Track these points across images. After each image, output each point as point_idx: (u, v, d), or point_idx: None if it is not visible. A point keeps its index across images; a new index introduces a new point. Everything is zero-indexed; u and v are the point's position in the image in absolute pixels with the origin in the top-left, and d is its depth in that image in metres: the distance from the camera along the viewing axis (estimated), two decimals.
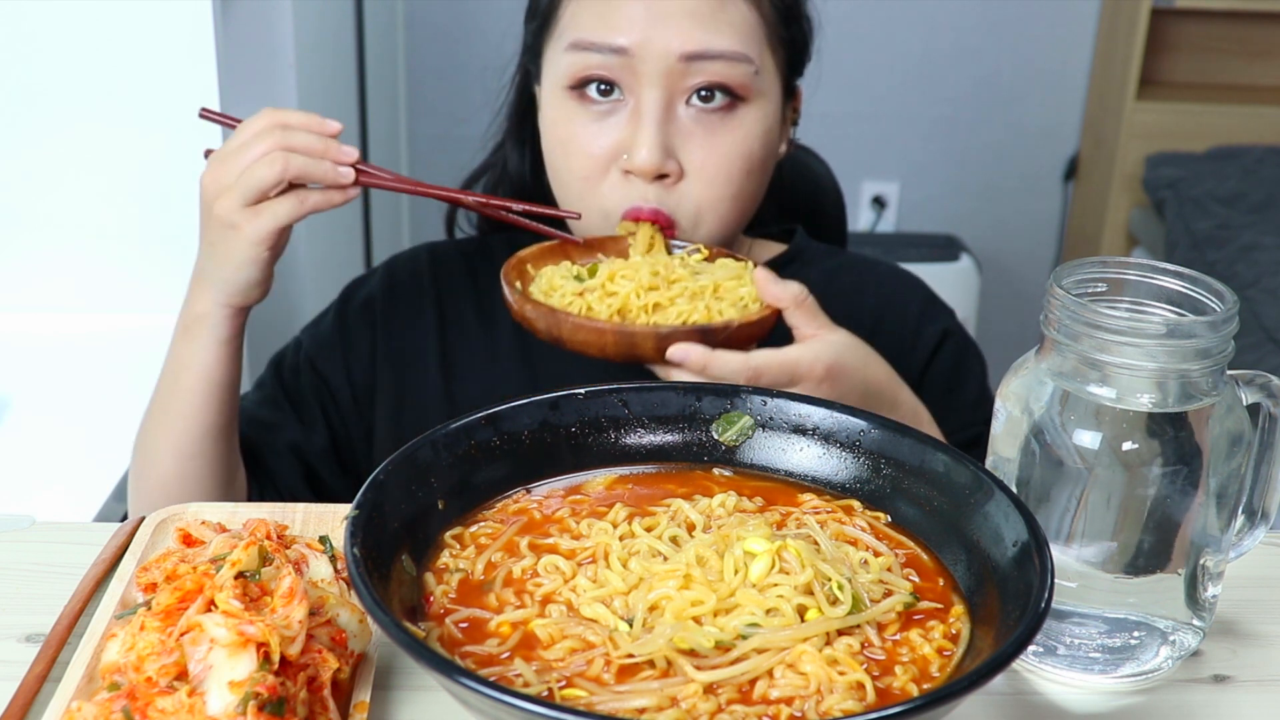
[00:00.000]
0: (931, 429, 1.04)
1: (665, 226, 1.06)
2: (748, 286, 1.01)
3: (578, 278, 1.04)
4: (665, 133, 1.05)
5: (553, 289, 1.03)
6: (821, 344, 0.96)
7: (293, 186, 0.98)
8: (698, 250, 1.08)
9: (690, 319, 0.98)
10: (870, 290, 1.22)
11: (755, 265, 1.05)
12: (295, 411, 1.16)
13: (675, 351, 0.93)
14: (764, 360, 0.93)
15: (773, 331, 0.98)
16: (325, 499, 1.06)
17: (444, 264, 1.22)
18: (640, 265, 1.02)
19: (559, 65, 1.08)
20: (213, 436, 1.05)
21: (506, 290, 1.01)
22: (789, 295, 0.97)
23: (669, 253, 1.07)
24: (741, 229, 1.14)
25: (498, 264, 1.21)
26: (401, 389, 1.17)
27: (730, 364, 0.92)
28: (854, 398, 0.95)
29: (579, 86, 1.07)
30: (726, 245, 1.12)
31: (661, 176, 1.05)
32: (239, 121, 1.02)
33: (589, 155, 1.07)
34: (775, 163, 1.15)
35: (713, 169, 1.06)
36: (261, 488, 1.13)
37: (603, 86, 1.06)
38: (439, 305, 1.19)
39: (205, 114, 1.08)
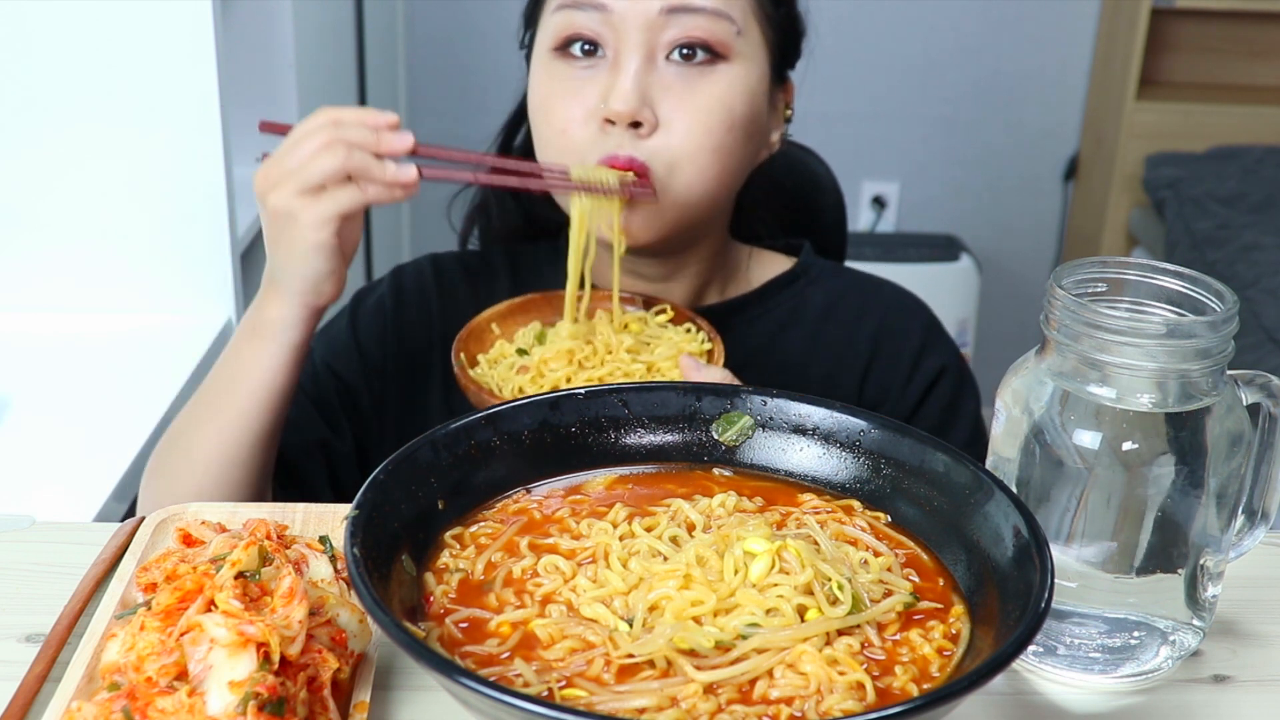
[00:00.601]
0: None
1: (640, 174, 1.05)
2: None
3: (521, 351, 1.06)
4: (643, 82, 1.05)
5: (502, 356, 1.06)
6: None
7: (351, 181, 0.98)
8: (663, 311, 1.09)
9: None
10: (874, 316, 1.21)
11: (704, 335, 1.06)
12: (321, 414, 1.15)
13: None
14: None
15: None
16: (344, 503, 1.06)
17: (446, 276, 1.22)
18: (573, 350, 1.04)
19: (546, 29, 1.09)
20: (261, 445, 1.04)
21: (453, 360, 1.03)
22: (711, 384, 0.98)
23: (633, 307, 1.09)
24: (722, 195, 1.12)
25: (497, 276, 1.21)
26: (408, 398, 1.17)
27: None
28: None
29: (564, 47, 1.07)
30: (709, 213, 1.11)
31: (637, 125, 1.05)
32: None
33: (568, 109, 1.07)
34: (762, 144, 1.14)
35: (690, 119, 1.05)
36: (285, 489, 1.12)
37: (586, 46, 1.07)
38: (442, 317, 1.19)
39: (265, 126, 1.07)
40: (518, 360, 1.05)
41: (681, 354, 1.03)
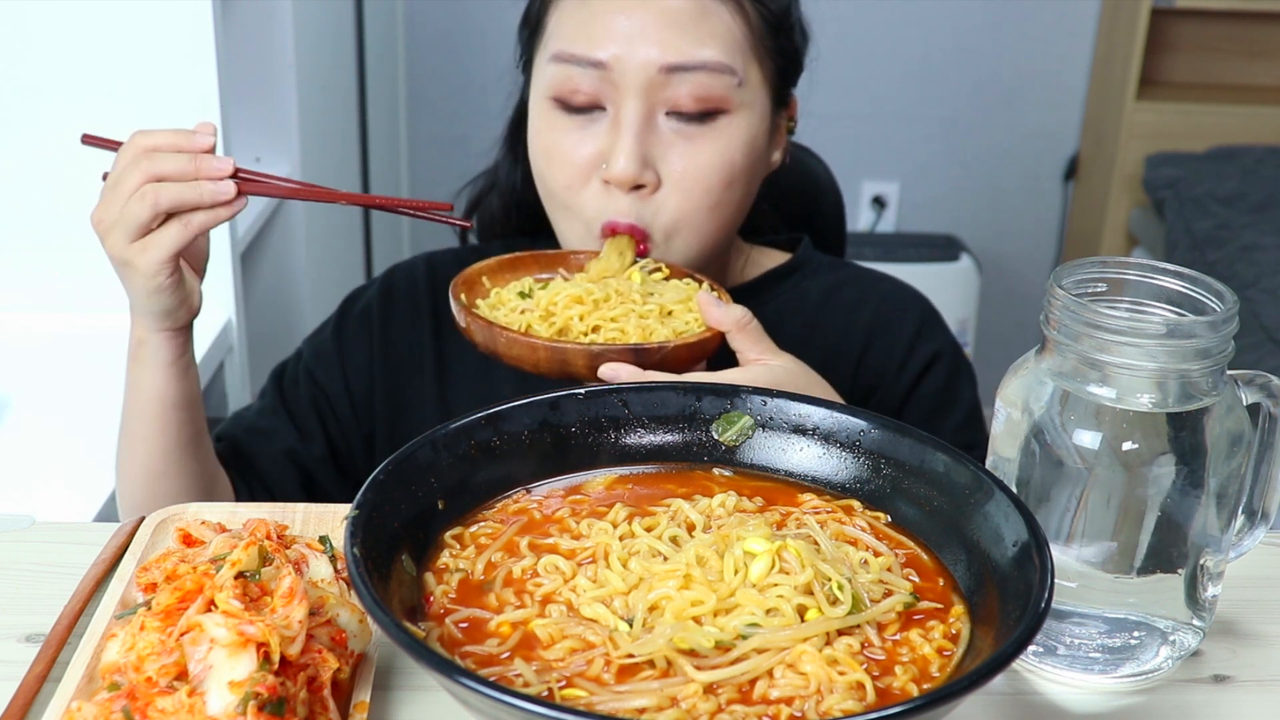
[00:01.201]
0: None
1: (640, 240, 1.06)
2: (696, 311, 1.01)
3: (523, 294, 1.05)
4: (644, 143, 1.04)
5: (500, 302, 1.05)
6: (762, 369, 0.95)
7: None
8: (659, 269, 1.08)
9: (629, 339, 0.98)
10: (869, 306, 1.21)
11: (707, 284, 1.06)
12: (292, 421, 1.16)
13: (605, 370, 0.93)
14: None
15: (716, 354, 0.99)
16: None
17: (441, 273, 1.22)
18: (583, 285, 1.02)
19: (543, 75, 1.08)
20: (177, 455, 1.05)
21: (452, 302, 1.02)
22: (731, 319, 0.97)
23: (636, 260, 1.07)
24: (721, 245, 1.13)
25: None
26: (399, 397, 1.17)
27: None
28: None
29: (562, 98, 1.07)
30: (705, 261, 1.11)
31: (639, 187, 1.05)
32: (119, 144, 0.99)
33: (570, 164, 1.06)
34: (763, 174, 1.14)
35: (691, 179, 1.05)
36: (254, 493, 1.13)
37: (585, 97, 1.06)
38: (435, 314, 1.19)
39: (87, 139, 1.04)
40: (520, 303, 1.03)
41: (699, 292, 1.01)
